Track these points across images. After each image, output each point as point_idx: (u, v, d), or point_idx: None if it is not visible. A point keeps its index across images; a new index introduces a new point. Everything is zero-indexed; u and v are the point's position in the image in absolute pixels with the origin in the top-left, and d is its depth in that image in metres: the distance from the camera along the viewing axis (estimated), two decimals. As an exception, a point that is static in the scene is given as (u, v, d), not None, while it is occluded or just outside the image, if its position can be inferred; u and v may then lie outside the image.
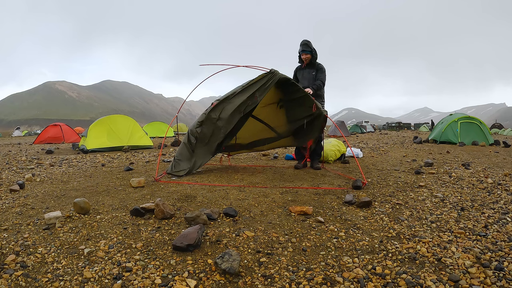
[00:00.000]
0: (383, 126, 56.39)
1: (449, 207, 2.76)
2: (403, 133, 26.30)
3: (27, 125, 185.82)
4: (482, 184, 3.69)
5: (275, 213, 2.62)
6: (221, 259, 1.68)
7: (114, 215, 2.58)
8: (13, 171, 5.15)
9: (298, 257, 1.85)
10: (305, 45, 4.82)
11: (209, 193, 3.27)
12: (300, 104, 4.54)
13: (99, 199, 3.12)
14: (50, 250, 1.94)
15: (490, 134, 11.02)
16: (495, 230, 2.22)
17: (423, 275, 1.64)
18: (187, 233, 1.96)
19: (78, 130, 25.03)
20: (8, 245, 2.02)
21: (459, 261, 1.77)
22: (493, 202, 2.93)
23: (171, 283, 1.59)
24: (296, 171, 4.73)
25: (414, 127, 54.17)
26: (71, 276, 1.65)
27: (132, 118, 10.14)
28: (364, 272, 1.67)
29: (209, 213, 2.45)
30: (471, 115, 11.36)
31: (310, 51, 4.80)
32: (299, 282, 1.60)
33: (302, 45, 4.84)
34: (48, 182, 4.18)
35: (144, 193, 3.32)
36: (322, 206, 2.82)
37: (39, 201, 3.11)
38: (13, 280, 1.62)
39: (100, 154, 7.97)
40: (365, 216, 2.54)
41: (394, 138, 15.51)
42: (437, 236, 2.12)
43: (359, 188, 3.45)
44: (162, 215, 2.45)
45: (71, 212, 2.65)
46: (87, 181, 4.13)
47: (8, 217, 2.61)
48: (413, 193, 3.26)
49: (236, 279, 1.63)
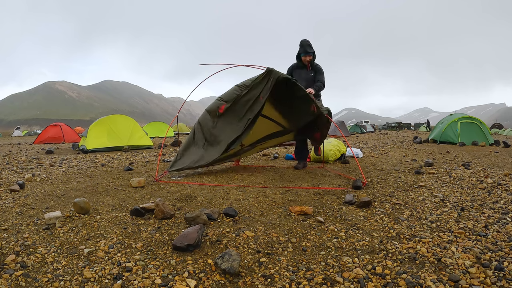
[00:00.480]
0: (383, 126, 56.39)
1: (449, 207, 2.76)
2: (403, 133, 26.30)
3: (27, 125, 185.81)
4: (482, 184, 3.69)
5: (275, 213, 2.62)
6: (221, 259, 1.68)
7: (114, 215, 2.58)
8: (13, 171, 5.15)
9: (298, 257, 1.85)
10: (309, 46, 4.64)
11: (209, 193, 3.27)
12: (301, 102, 4.49)
13: (99, 199, 3.12)
14: (50, 250, 1.94)
15: (490, 134, 11.02)
16: (495, 230, 2.22)
17: (423, 275, 1.64)
18: (187, 233, 1.96)
19: (78, 130, 25.03)
20: (8, 245, 2.02)
21: (459, 261, 1.77)
22: (493, 202, 2.93)
23: (171, 283, 1.59)
24: (296, 171, 4.72)
25: (414, 127, 54.19)
26: (71, 276, 1.65)
27: (132, 118, 10.14)
28: (364, 272, 1.67)
29: (209, 213, 2.45)
30: (471, 115, 11.37)
31: (313, 53, 4.67)
32: (299, 282, 1.60)
33: (306, 46, 4.65)
34: (48, 182, 4.18)
35: (144, 193, 3.32)
36: (322, 206, 2.82)
37: (39, 201, 3.11)
38: (13, 280, 1.62)
39: (100, 154, 7.97)
40: (365, 216, 2.54)
41: (394, 138, 15.52)
42: (437, 236, 2.12)
43: (359, 188, 3.45)
44: (162, 215, 2.45)
45: (71, 212, 2.65)
46: (87, 181, 4.13)
47: (8, 217, 2.61)
48: (413, 193, 3.26)
49: (236, 279, 1.63)
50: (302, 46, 4.68)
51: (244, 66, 4.66)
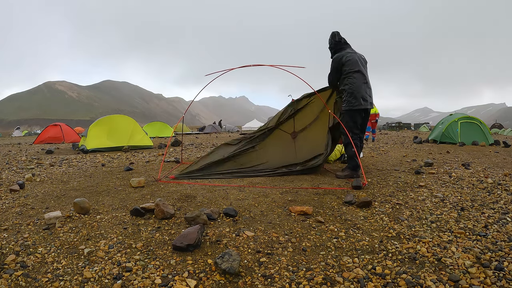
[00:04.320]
0: (383, 126, 56.42)
1: (449, 207, 2.76)
2: (403, 133, 26.30)
3: (27, 125, 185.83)
4: (482, 184, 3.69)
5: (275, 213, 2.62)
6: (221, 259, 1.68)
7: (114, 215, 2.58)
8: (13, 171, 5.15)
9: (298, 257, 1.85)
10: (329, 40, 4.44)
11: (209, 193, 3.27)
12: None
13: (99, 199, 3.12)
14: (50, 250, 1.94)
15: (490, 134, 11.02)
16: (495, 230, 2.22)
17: (423, 275, 1.64)
18: (187, 233, 1.96)
19: (78, 130, 25.02)
20: (8, 245, 2.02)
21: (459, 261, 1.77)
22: (493, 202, 2.93)
23: (171, 283, 1.59)
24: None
25: (414, 127, 54.19)
26: (71, 276, 1.65)
27: (132, 118, 10.13)
28: (364, 272, 1.67)
29: (209, 213, 2.45)
30: (471, 115, 11.36)
31: (329, 48, 4.46)
32: (299, 282, 1.60)
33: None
34: (48, 182, 4.18)
35: (144, 193, 3.32)
36: (322, 206, 2.82)
37: (39, 201, 3.11)
38: (13, 280, 1.62)
39: (100, 154, 7.96)
40: (365, 216, 2.54)
41: (394, 138, 15.52)
42: (437, 236, 2.12)
43: (359, 188, 3.45)
44: (162, 215, 2.45)
45: (71, 212, 2.65)
46: (87, 181, 4.13)
47: (8, 217, 2.61)
48: (413, 193, 3.26)
49: (236, 279, 1.63)
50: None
51: (243, 67, 4.70)
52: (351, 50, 4.31)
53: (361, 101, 4.11)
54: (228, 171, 4.34)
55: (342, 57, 4.19)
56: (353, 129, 4.19)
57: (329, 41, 4.45)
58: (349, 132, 4.13)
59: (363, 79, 4.19)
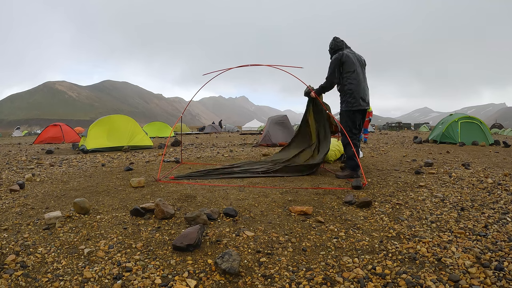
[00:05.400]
0: (383, 126, 56.42)
1: (449, 207, 2.76)
2: (403, 133, 26.30)
3: (27, 125, 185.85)
4: (482, 184, 3.69)
5: (275, 213, 2.62)
6: (221, 259, 1.68)
7: (114, 215, 2.58)
8: (13, 171, 5.15)
9: (298, 257, 1.85)
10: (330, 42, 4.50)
11: (209, 193, 3.27)
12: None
13: (99, 199, 3.12)
14: (50, 250, 1.94)
15: (490, 134, 11.01)
16: (495, 230, 2.22)
17: (423, 275, 1.64)
18: (187, 233, 1.96)
19: (78, 130, 25.02)
20: (8, 245, 2.02)
21: (459, 261, 1.77)
22: (493, 202, 2.93)
23: (171, 283, 1.59)
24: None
25: (414, 127, 54.20)
26: (71, 276, 1.65)
27: (132, 118, 10.13)
28: (364, 272, 1.67)
29: (209, 213, 2.45)
30: (471, 115, 11.36)
31: (328, 50, 4.51)
32: (299, 282, 1.60)
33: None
34: (48, 182, 4.18)
35: (144, 193, 3.32)
36: (322, 206, 2.82)
37: (39, 201, 3.11)
38: (13, 280, 1.62)
39: (100, 154, 7.97)
40: (365, 216, 2.54)
41: (394, 138, 15.52)
42: (437, 236, 2.12)
43: (359, 188, 3.45)
44: (162, 215, 2.45)
45: (71, 212, 2.65)
46: (87, 181, 4.13)
47: (8, 217, 2.61)
48: (413, 193, 3.26)
49: (236, 279, 1.63)
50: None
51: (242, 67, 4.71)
52: (350, 51, 4.33)
53: (360, 102, 4.12)
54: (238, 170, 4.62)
55: (341, 56, 4.20)
56: (352, 130, 4.20)
57: (330, 43, 4.48)
58: (348, 132, 4.14)
59: (362, 79, 4.20)
